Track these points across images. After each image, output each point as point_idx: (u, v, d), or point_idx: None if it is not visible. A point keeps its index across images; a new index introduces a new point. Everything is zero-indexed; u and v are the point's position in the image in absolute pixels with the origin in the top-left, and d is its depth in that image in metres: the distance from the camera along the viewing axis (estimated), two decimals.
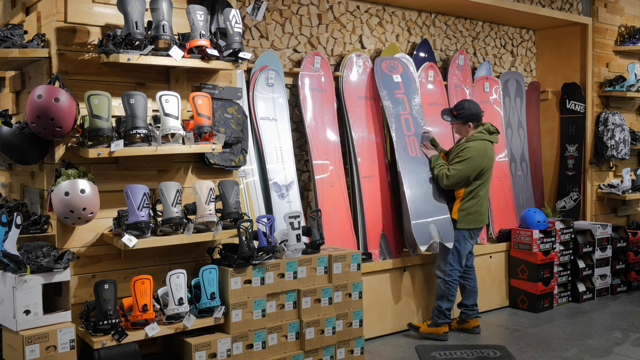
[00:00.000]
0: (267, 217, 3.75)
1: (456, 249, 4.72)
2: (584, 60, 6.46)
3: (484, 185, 4.74)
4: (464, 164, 4.63)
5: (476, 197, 4.71)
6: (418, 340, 4.69)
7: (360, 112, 4.99)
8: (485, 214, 4.85)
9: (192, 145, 3.40)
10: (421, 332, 4.74)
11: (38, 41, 3.29)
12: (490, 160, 4.73)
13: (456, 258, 4.72)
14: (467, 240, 4.74)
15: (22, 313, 2.94)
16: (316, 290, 3.86)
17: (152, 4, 3.27)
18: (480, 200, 4.73)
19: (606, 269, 6.00)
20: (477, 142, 4.68)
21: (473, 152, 4.63)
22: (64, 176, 3.08)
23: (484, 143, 4.70)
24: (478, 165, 4.63)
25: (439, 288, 4.76)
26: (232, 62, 3.58)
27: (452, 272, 4.71)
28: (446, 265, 4.72)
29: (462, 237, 4.73)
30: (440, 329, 4.71)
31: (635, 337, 4.81)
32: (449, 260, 4.71)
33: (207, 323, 3.44)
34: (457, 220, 4.73)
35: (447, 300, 4.71)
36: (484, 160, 4.66)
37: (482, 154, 4.66)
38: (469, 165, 4.62)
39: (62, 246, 3.27)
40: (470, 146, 4.67)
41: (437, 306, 4.75)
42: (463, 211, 4.71)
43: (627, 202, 6.74)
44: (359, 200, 4.89)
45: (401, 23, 5.57)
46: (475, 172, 4.64)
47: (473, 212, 4.71)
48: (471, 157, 4.62)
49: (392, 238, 4.96)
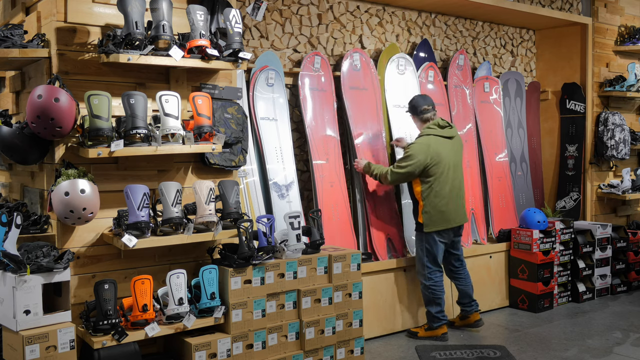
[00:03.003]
0: (267, 217, 3.75)
1: (428, 251, 4.62)
2: (584, 60, 6.46)
3: (442, 182, 4.59)
4: (406, 161, 4.56)
5: (438, 196, 4.57)
6: (418, 341, 4.69)
7: (360, 106, 4.99)
8: (457, 212, 4.69)
9: (192, 145, 3.40)
10: (420, 337, 4.71)
11: (38, 41, 3.29)
12: (437, 154, 4.56)
13: (430, 260, 4.62)
14: (437, 241, 4.61)
15: (22, 313, 2.94)
16: (316, 290, 3.86)
17: (152, 4, 3.27)
18: (444, 199, 4.59)
19: (606, 269, 6.00)
20: (421, 138, 4.64)
21: (414, 149, 4.57)
22: (64, 176, 3.08)
23: (428, 138, 4.61)
24: (421, 161, 4.52)
25: (423, 294, 4.72)
26: (232, 62, 3.58)
27: (432, 275, 4.63)
28: (424, 269, 4.64)
29: (431, 239, 4.60)
30: (438, 331, 4.69)
31: (635, 337, 4.81)
32: (425, 263, 4.63)
33: (207, 323, 3.44)
34: (422, 223, 4.60)
35: (435, 304, 4.65)
36: (427, 155, 4.54)
37: (424, 149, 4.55)
38: (410, 162, 4.53)
39: (62, 246, 3.28)
40: (412, 144, 4.65)
41: (427, 311, 4.72)
42: (427, 213, 4.57)
43: (627, 202, 6.73)
44: (359, 199, 4.89)
45: (401, 23, 5.57)
46: (419, 168, 4.53)
47: (436, 212, 4.58)
48: (412, 153, 4.55)
49: (396, 238, 4.96)
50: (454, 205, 4.68)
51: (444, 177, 4.61)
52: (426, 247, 4.62)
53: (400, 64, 5.24)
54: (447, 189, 4.62)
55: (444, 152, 4.63)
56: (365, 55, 5.06)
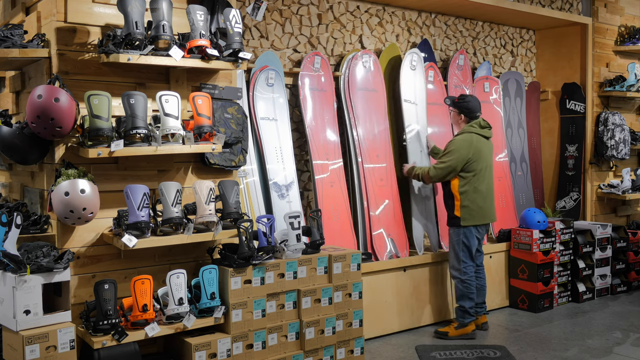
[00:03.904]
0: (267, 217, 3.74)
1: (465, 245, 4.71)
2: (584, 60, 6.46)
3: (480, 179, 4.71)
4: (448, 156, 4.68)
5: (476, 192, 4.69)
6: (418, 340, 4.69)
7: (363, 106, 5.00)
8: (491, 210, 4.82)
9: (192, 145, 3.40)
10: (450, 336, 4.72)
11: (38, 41, 3.29)
12: (478, 151, 4.71)
13: (467, 254, 4.72)
14: (475, 236, 4.72)
15: (22, 313, 2.94)
16: (316, 290, 3.86)
17: (152, 4, 3.27)
18: (482, 195, 4.71)
19: (606, 269, 6.00)
20: (463, 135, 4.76)
21: (457, 144, 4.71)
22: (64, 176, 3.08)
23: (471, 135, 4.73)
24: (463, 155, 4.65)
25: (457, 289, 4.76)
26: (232, 62, 3.58)
27: (467, 269, 4.71)
28: (460, 263, 4.72)
29: (469, 233, 4.70)
30: (469, 328, 4.73)
31: (635, 337, 4.81)
32: (461, 258, 4.71)
33: (207, 323, 3.44)
34: (460, 217, 4.70)
35: (468, 298, 4.72)
36: (469, 150, 4.67)
37: (467, 145, 4.68)
38: (453, 157, 4.65)
39: (62, 246, 3.27)
40: (455, 139, 4.78)
41: (459, 307, 4.75)
42: (465, 208, 4.68)
43: (627, 202, 6.73)
44: (359, 198, 4.89)
45: (401, 23, 5.57)
46: (462, 163, 4.65)
47: (476, 207, 4.69)
48: (455, 148, 4.69)
49: (396, 238, 4.97)
50: (490, 202, 4.82)
51: (482, 174, 4.74)
52: (463, 241, 4.71)
53: (414, 60, 5.27)
54: (485, 187, 4.75)
55: (484, 150, 4.77)
56: (374, 57, 5.09)
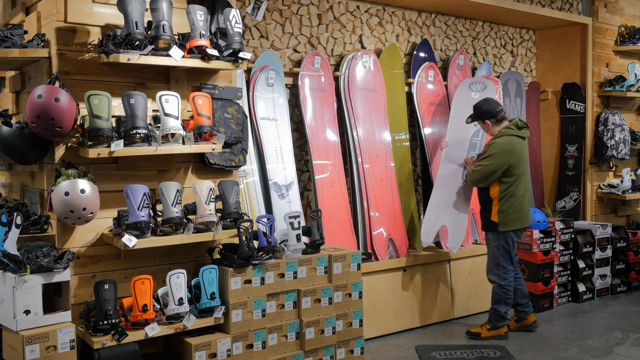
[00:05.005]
0: (267, 217, 3.75)
1: (505, 250, 4.62)
2: (584, 60, 6.46)
3: (519, 183, 4.59)
4: (489, 160, 4.54)
5: (514, 196, 4.56)
6: (418, 340, 4.69)
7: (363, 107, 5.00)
8: (528, 213, 4.71)
9: (192, 145, 3.40)
10: (483, 337, 4.70)
11: (38, 41, 3.29)
12: (519, 155, 4.58)
13: (508, 259, 4.64)
14: (514, 240, 4.64)
15: (22, 313, 2.94)
16: (316, 290, 3.86)
17: (152, 4, 3.27)
18: (520, 199, 4.59)
19: (606, 269, 6.00)
20: (503, 138, 4.60)
21: (498, 148, 4.54)
22: (64, 176, 3.08)
23: (511, 138, 4.59)
24: (504, 161, 4.51)
25: (495, 293, 4.69)
26: (232, 62, 3.58)
27: (507, 275, 4.64)
28: (500, 269, 4.63)
29: (509, 238, 4.61)
30: (502, 330, 4.72)
31: (635, 337, 4.81)
32: (501, 263, 4.63)
33: (207, 323, 3.44)
34: (497, 223, 4.58)
35: (505, 303, 4.67)
36: (510, 156, 4.53)
37: (509, 149, 4.54)
38: (494, 161, 4.51)
39: (62, 246, 3.27)
40: (495, 142, 4.60)
41: (494, 310, 4.71)
42: (503, 212, 4.56)
43: (627, 202, 6.73)
44: (358, 198, 4.89)
45: (401, 23, 5.57)
46: (502, 169, 4.51)
47: (514, 212, 4.56)
48: (495, 153, 4.53)
49: (396, 238, 4.96)
50: (527, 205, 4.71)
51: (522, 178, 4.62)
52: (503, 246, 4.61)
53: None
54: (522, 190, 4.63)
55: (523, 153, 4.66)
56: (374, 57, 5.08)
